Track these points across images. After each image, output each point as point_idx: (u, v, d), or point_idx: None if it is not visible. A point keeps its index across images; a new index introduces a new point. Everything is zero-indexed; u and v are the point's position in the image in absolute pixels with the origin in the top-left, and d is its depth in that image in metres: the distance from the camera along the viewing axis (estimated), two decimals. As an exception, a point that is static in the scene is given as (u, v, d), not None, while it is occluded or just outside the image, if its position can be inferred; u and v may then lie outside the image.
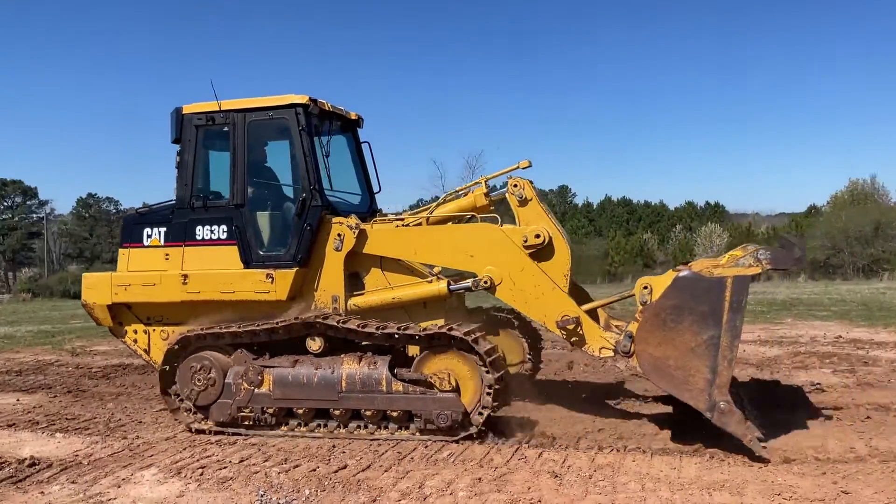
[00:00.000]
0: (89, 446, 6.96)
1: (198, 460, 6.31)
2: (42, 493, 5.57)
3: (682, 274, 6.21)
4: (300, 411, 7.14)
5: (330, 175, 8.02)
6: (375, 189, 8.81)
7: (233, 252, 7.56)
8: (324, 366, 7.07)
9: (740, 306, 5.86)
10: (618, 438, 6.70)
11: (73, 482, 5.80)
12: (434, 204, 7.78)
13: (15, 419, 8.27)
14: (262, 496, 5.31)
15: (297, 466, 6.02)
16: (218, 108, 7.71)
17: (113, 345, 15.69)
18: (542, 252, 6.89)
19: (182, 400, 7.45)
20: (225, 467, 6.06)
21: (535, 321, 7.29)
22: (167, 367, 7.47)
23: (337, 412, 7.03)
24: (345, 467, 5.97)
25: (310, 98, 7.52)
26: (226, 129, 7.73)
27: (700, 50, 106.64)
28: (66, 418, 8.24)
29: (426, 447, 6.50)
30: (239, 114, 7.66)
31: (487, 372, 6.60)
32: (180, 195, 7.82)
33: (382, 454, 6.32)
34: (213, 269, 7.58)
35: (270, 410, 7.15)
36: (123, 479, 5.84)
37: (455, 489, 5.36)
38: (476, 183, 7.51)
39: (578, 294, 7.24)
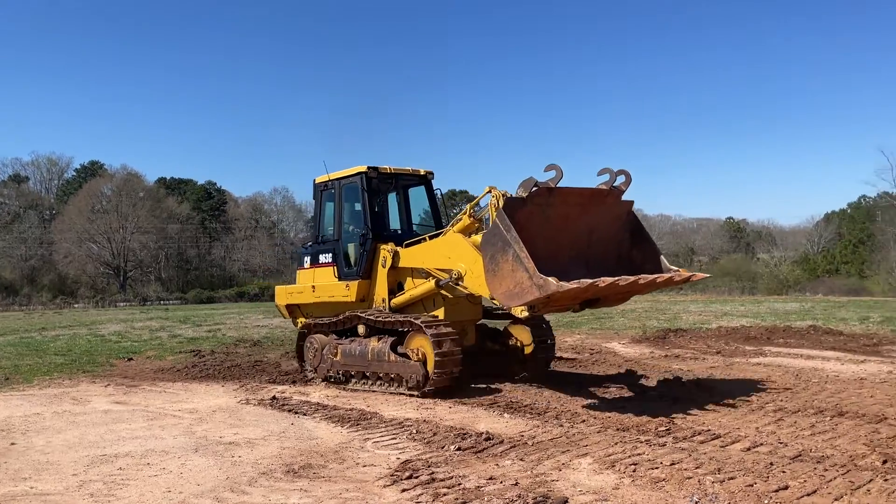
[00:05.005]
0: (532, 429, 7.70)
1: (629, 456, 6.49)
2: (497, 465, 6.33)
3: (480, 236, 8.81)
4: (354, 373, 10.62)
5: (409, 214, 12.11)
6: (444, 221, 11.85)
7: (333, 270, 11.49)
8: (363, 343, 10.45)
9: (509, 225, 7.80)
10: None
11: (521, 459, 6.47)
12: (447, 227, 10.23)
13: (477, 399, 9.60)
14: (696, 503, 5.23)
15: (731, 479, 5.77)
16: (328, 178, 11.62)
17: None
18: None
19: (306, 363, 11.54)
20: (656, 467, 6.12)
21: (482, 295, 9.29)
22: (300, 342, 11.75)
23: (368, 374, 10.44)
24: (786, 488, 5.54)
25: (369, 167, 11.11)
26: (332, 191, 11.61)
27: None
28: (514, 402, 9.27)
29: (885, 480, 5.68)
30: (337, 181, 11.50)
31: (435, 350, 9.28)
32: (314, 234, 12.10)
33: (831, 480, 5.69)
34: (324, 282, 11.58)
35: (340, 372, 10.81)
36: (563, 464, 6.30)
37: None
38: (464, 212, 9.89)
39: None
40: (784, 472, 5.95)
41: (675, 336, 17.11)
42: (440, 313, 10.24)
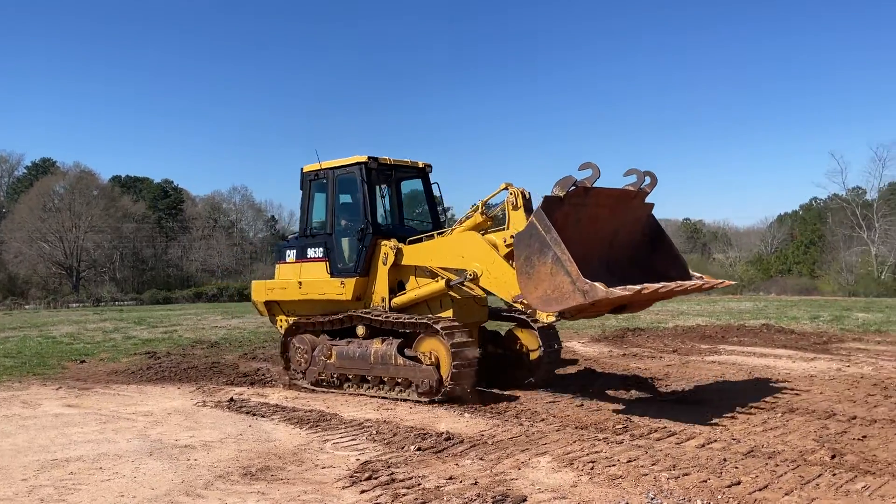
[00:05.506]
0: (492, 428, 7.73)
1: (587, 454, 6.57)
2: (457, 464, 6.34)
3: (513, 235, 8.01)
4: (351, 377, 9.96)
5: (401, 209, 11.42)
6: (441, 216, 11.44)
7: (324, 266, 10.61)
8: (363, 345, 9.77)
9: (549, 226, 7.27)
10: None
11: (480, 458, 6.50)
12: (455, 225, 9.71)
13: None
14: (651, 499, 5.31)
15: (686, 475, 5.89)
16: (319, 167, 10.82)
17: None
18: None
19: (291, 365, 10.71)
20: (614, 465, 6.20)
21: (501, 297, 8.81)
22: (286, 343, 10.86)
23: (369, 378, 9.71)
24: (738, 483, 5.67)
25: (369, 157, 10.26)
26: (324, 181, 10.78)
27: None
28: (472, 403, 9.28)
29: (833, 475, 5.84)
30: (330, 170, 10.68)
31: (452, 354, 8.71)
32: (301, 227, 11.19)
33: (781, 475, 5.84)
34: (313, 278, 10.70)
35: (334, 376, 10.10)
36: (522, 463, 6.35)
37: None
38: (476, 208, 9.34)
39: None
40: (737, 467, 6.09)
41: (633, 335, 17.35)
42: (448, 315, 9.57)
